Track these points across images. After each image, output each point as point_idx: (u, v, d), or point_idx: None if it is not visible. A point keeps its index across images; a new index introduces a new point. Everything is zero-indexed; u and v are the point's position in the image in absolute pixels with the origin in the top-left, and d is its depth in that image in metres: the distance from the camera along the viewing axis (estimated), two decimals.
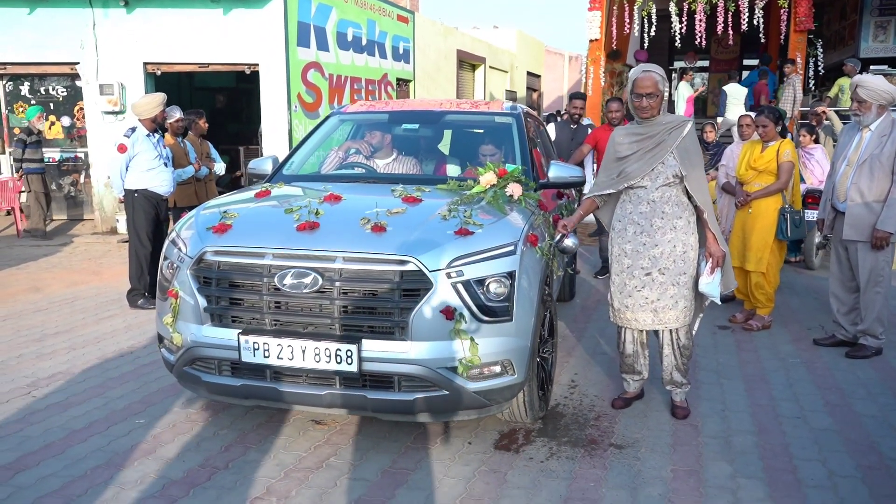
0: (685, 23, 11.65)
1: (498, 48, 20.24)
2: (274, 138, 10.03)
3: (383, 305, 2.95)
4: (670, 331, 3.56)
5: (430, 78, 15.21)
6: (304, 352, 2.95)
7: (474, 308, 2.95)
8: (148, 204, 5.78)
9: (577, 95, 7.71)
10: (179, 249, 3.28)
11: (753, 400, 3.93)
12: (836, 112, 9.56)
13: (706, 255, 3.47)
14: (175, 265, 3.26)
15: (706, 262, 3.46)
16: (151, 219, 5.83)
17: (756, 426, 3.58)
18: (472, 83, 18.70)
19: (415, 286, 2.93)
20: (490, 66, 19.43)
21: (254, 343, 2.99)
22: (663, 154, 3.39)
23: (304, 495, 2.89)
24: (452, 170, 4.37)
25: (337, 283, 2.95)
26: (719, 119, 11.91)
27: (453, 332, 2.92)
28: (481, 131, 4.67)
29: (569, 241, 3.53)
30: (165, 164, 5.86)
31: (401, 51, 13.70)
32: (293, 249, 3.04)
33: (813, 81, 11.47)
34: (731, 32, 11.48)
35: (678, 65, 19.66)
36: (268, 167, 4.42)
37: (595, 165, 6.93)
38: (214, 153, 7.26)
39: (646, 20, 11.92)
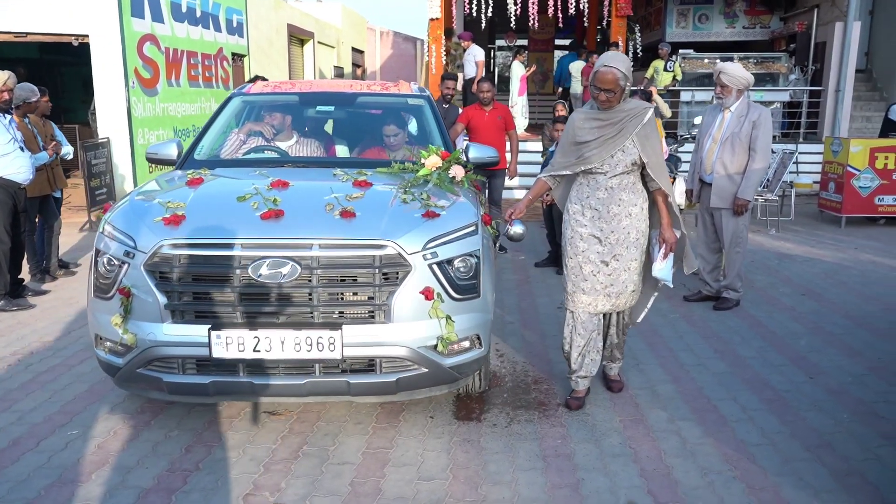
0: (519, 4, 12.29)
1: (325, 23, 19.88)
2: (110, 117, 9.20)
3: (363, 290, 2.98)
4: (618, 312, 3.63)
5: (263, 53, 14.65)
6: (283, 342, 2.89)
7: (448, 287, 3.07)
8: (5, 194, 5.15)
9: (448, 76, 7.91)
10: (123, 243, 3.04)
11: (657, 353, 4.43)
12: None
13: (659, 240, 3.51)
14: (119, 261, 3.03)
15: (659, 247, 3.50)
16: (9, 210, 5.20)
17: (669, 375, 4.05)
18: (302, 59, 18.25)
19: (394, 269, 2.99)
20: (318, 42, 19.07)
21: (227, 338, 2.88)
22: (623, 141, 3.36)
23: (296, 485, 2.87)
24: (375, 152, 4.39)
25: (316, 271, 2.92)
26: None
27: (432, 312, 3.02)
28: (398, 113, 4.71)
29: (517, 228, 3.57)
30: (21, 149, 5.24)
31: (234, 24, 13.05)
32: (265, 239, 2.95)
33: (632, 63, 12.59)
34: (560, 15, 12.29)
35: (499, 42, 20.63)
36: (172, 152, 4.17)
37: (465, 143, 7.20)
38: (60, 135, 6.56)
39: (483, 1, 12.38)
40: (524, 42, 21.00)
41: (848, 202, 8.81)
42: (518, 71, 13.39)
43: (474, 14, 12.38)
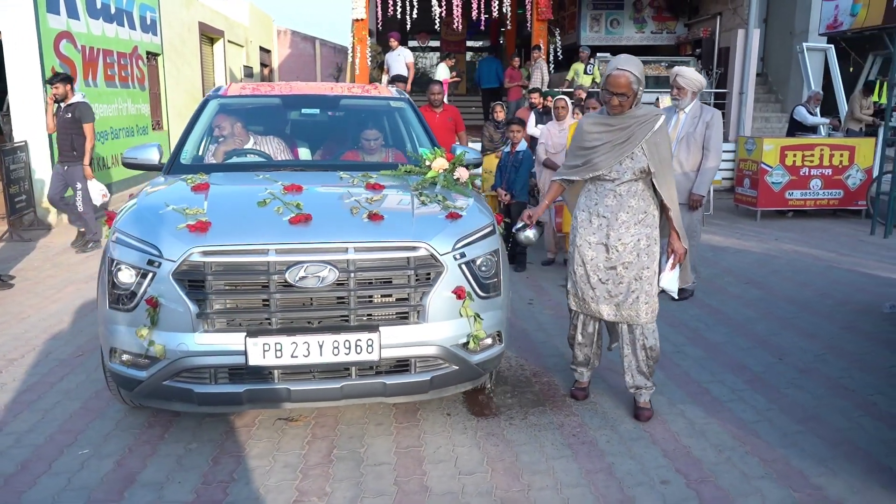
0: (444, 6, 12.46)
1: (234, 21, 19.32)
2: (27, 119, 8.63)
3: (399, 292, 3.01)
4: (631, 329, 3.46)
5: (176, 52, 14.11)
6: (321, 346, 2.89)
7: (475, 287, 3.16)
8: None
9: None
10: (144, 252, 2.94)
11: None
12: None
13: (668, 251, 3.46)
14: (141, 271, 2.92)
15: (668, 258, 3.46)
16: None
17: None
18: (212, 58, 17.67)
19: (427, 270, 3.04)
20: (228, 41, 18.52)
21: (263, 344, 2.85)
22: (632, 148, 3.29)
23: (341, 489, 2.87)
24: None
25: (352, 274, 2.93)
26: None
27: (462, 311, 3.10)
28: (378, 116, 4.73)
29: (530, 232, 3.52)
30: None
31: (148, 21, 12.50)
32: (299, 243, 2.93)
33: (553, 65, 13.03)
34: (483, 18, 12.56)
35: (411, 43, 20.76)
36: (153, 156, 4.06)
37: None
38: None
39: (407, 2, 12.46)
40: (436, 43, 21.29)
41: (763, 197, 9.51)
42: (443, 73, 13.58)
43: (399, 15, 12.42)
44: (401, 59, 11.82)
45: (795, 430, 3.40)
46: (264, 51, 23.96)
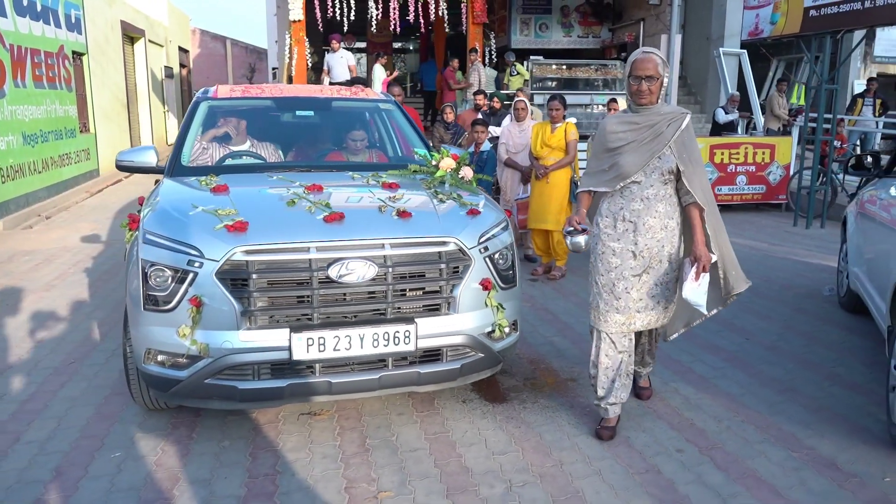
0: (380, 8, 12.58)
1: (154, 20, 18.72)
2: None
3: (432, 285, 3.17)
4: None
5: (101, 51, 13.59)
6: (362, 339, 3.02)
7: (497, 278, 3.36)
8: None
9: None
10: (182, 253, 2.98)
11: None
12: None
13: (691, 259, 3.14)
14: (180, 271, 2.96)
15: (691, 265, 3.13)
16: None
17: None
18: (133, 58, 17.07)
19: (456, 264, 3.21)
20: (149, 40, 17.94)
21: (308, 339, 2.95)
22: (661, 147, 3.09)
23: (387, 474, 3.01)
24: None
25: (389, 269, 3.07)
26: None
27: (488, 301, 3.29)
28: (364, 117, 4.84)
29: (581, 238, 3.19)
30: None
31: (73, 19, 12.01)
32: (339, 240, 3.05)
33: (489, 67, 13.36)
34: (422, 20, 12.76)
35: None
36: (150, 159, 4.05)
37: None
38: None
39: (345, 3, 12.49)
40: (363, 44, 21.30)
41: None
42: (380, 75, 13.66)
43: (338, 17, 12.44)
44: (343, 62, 11.86)
45: (778, 399, 3.78)
46: (182, 51, 23.30)
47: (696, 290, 3.10)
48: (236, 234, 3.01)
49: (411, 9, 12.56)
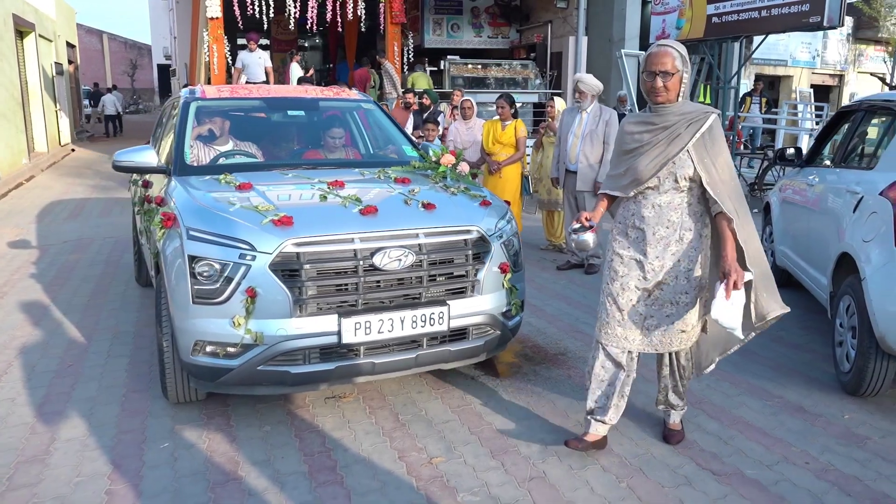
0: (299, 7, 12.58)
1: (43, 14, 17.70)
2: None
3: (459, 269, 3.48)
4: (671, 354, 3.16)
5: None
6: (402, 322, 3.29)
7: (511, 263, 3.71)
8: None
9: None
10: (233, 248, 3.14)
11: (576, 317, 5.42)
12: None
13: (720, 275, 2.83)
14: (232, 265, 3.12)
15: (720, 282, 2.80)
16: None
17: None
18: (24, 53, 16.08)
19: (479, 250, 3.53)
20: (39, 35, 16.95)
21: (355, 323, 3.19)
22: (676, 150, 2.85)
23: (432, 442, 3.29)
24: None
25: (425, 256, 3.35)
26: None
27: (505, 282, 3.63)
28: (349, 116, 5.04)
29: (589, 236, 3.03)
30: None
31: None
32: (380, 231, 3.30)
33: (407, 67, 13.66)
34: (339, 20, 12.86)
35: (241, 41, 20.34)
36: (150, 159, 4.12)
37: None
38: None
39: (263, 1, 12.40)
40: (267, 41, 21.00)
41: None
42: (297, 72, 13.65)
43: (258, 15, 12.34)
44: (261, 64, 11.78)
45: (740, 361, 4.34)
46: (70, 46, 22.09)
47: (727, 309, 2.74)
48: (284, 227, 3.19)
49: (329, 7, 12.64)
